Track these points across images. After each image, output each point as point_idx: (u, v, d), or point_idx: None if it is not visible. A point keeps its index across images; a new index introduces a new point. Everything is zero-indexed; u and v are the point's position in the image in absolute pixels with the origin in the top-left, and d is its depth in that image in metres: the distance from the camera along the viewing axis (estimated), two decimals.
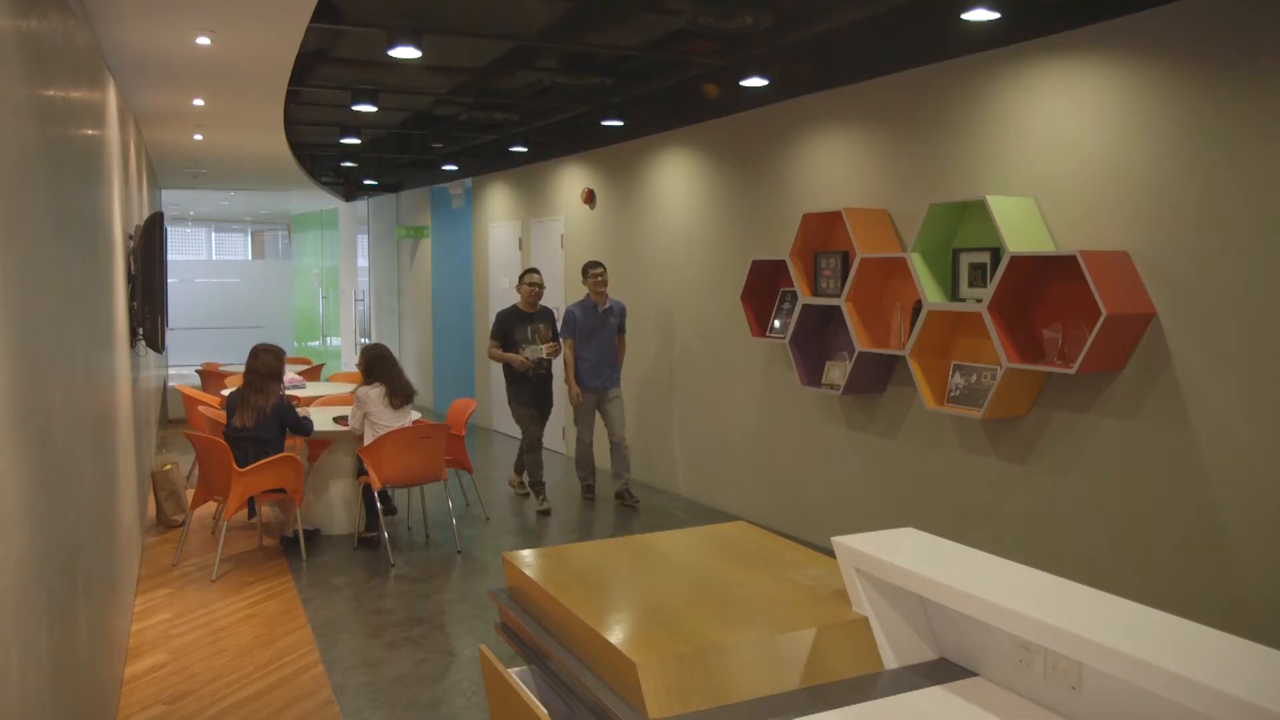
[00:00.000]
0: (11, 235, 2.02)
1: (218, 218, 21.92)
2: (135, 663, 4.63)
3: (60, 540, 2.55)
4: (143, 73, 5.80)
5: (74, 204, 3.25)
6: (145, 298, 5.83)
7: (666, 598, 2.37)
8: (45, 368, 2.41)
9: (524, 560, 2.68)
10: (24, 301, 2.14)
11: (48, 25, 2.82)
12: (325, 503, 6.89)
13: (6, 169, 2.02)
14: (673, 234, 8.15)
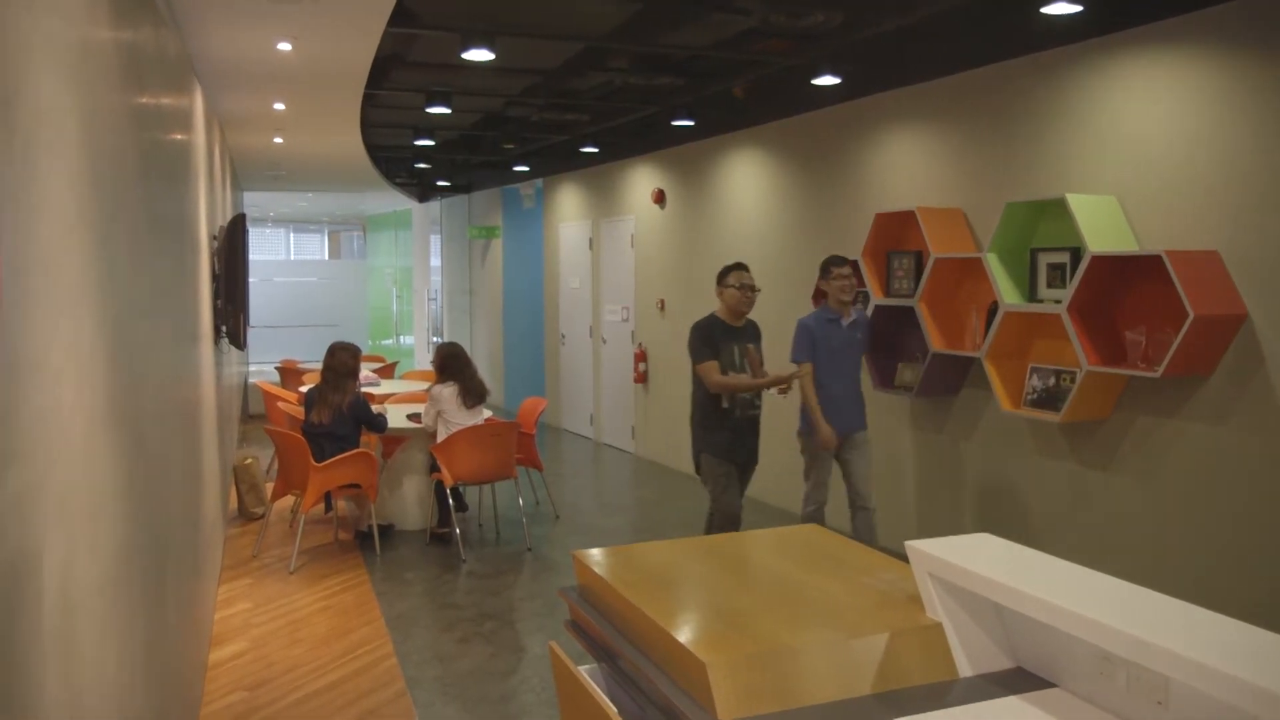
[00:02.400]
0: (108, 237, 2.10)
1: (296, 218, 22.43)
2: (218, 650, 4.77)
3: (151, 531, 2.64)
4: (227, 78, 5.97)
5: (163, 206, 3.36)
6: (228, 296, 6.00)
7: (737, 599, 2.37)
8: (137, 365, 2.50)
9: (594, 559, 2.70)
10: (118, 300, 2.22)
11: (142, 35, 2.92)
12: (399, 498, 7.01)
13: (104, 173, 2.10)
14: (743, 234, 8.12)
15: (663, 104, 7.24)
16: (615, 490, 8.84)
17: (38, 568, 1.37)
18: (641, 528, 7.34)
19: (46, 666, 1.40)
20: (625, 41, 5.56)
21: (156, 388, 2.93)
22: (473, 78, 6.53)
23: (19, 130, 1.35)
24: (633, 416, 10.02)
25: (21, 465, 1.31)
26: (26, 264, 1.37)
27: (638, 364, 9.74)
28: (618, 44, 5.65)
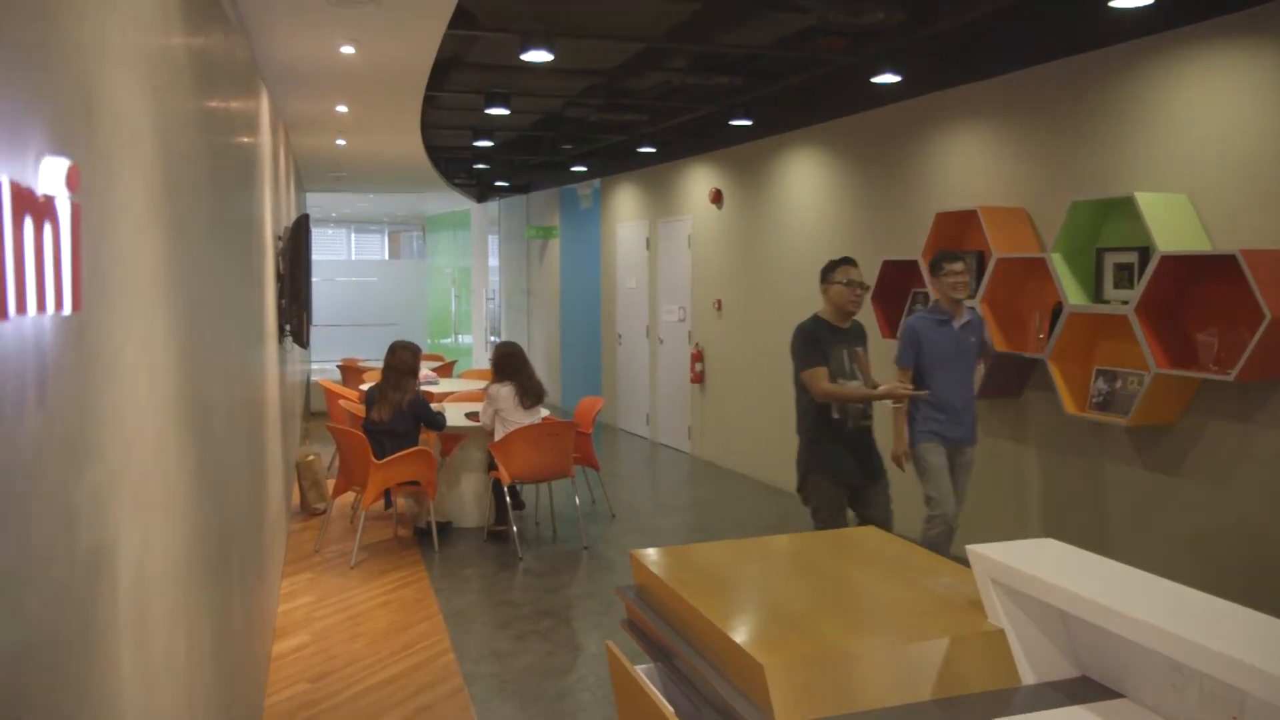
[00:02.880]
0: (179, 237, 2.15)
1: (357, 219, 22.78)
2: (282, 641, 4.86)
3: (218, 524, 2.71)
4: (292, 82, 6.08)
5: (231, 207, 3.43)
6: (292, 296, 6.12)
7: (794, 601, 2.36)
8: (206, 362, 2.56)
9: (651, 558, 2.70)
10: (189, 299, 2.27)
11: (212, 41, 2.99)
12: (457, 496, 7.08)
13: (176, 175, 2.15)
14: (801, 233, 8.07)
15: (721, 103, 7.23)
16: (671, 490, 8.84)
17: (114, 559, 1.42)
18: (698, 528, 7.33)
19: (123, 653, 1.44)
20: (683, 41, 5.56)
21: (224, 385, 3.00)
22: (531, 79, 6.58)
23: (99, 134, 1.39)
24: (689, 417, 10.02)
25: (99, 460, 1.35)
26: (105, 263, 1.41)
27: (694, 364, 9.73)
28: (676, 44, 5.66)
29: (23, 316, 0.98)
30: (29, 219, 0.99)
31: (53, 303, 1.06)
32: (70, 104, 1.26)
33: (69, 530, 1.20)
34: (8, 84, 1.03)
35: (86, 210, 1.26)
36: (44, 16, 1.16)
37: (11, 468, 1.00)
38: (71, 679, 1.19)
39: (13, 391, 1.01)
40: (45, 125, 1.14)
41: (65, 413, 1.20)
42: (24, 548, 1.03)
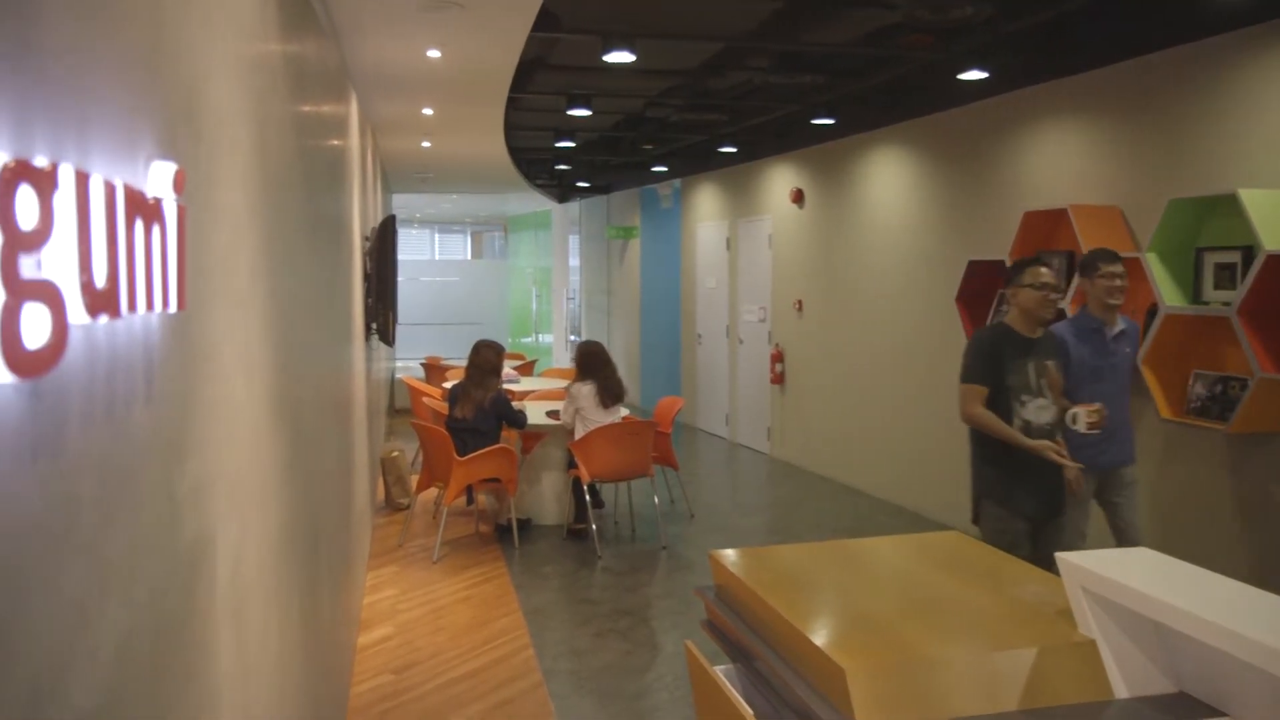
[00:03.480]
0: (273, 237, 2.22)
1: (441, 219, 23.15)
2: (367, 633, 4.97)
3: (308, 518, 2.78)
4: (380, 85, 6.21)
5: (322, 208, 3.52)
6: (378, 295, 6.25)
7: (876, 605, 2.33)
8: (297, 359, 2.63)
9: (731, 559, 2.69)
10: (281, 298, 2.34)
11: (306, 47, 3.08)
12: (537, 494, 7.16)
13: (271, 178, 2.22)
14: (883, 233, 7.96)
15: (802, 102, 7.17)
16: (750, 491, 8.80)
17: (213, 551, 1.47)
18: (776, 529, 7.29)
19: (221, 641, 1.50)
20: (765, 40, 5.53)
21: (314, 382, 3.08)
22: (613, 79, 6.61)
23: (203, 138, 1.44)
24: (769, 417, 9.96)
25: (200, 455, 1.40)
26: (206, 264, 1.46)
27: (774, 364, 9.67)
28: (758, 43, 5.63)
29: (133, 315, 1.02)
30: (140, 221, 1.03)
31: (160, 302, 1.10)
32: (177, 110, 1.31)
33: (173, 522, 1.25)
34: (121, 92, 1.07)
35: (191, 212, 1.31)
36: (154, 27, 1.21)
37: (123, 461, 1.05)
38: (176, 666, 1.24)
39: (124, 387, 1.05)
40: (154, 131, 1.18)
41: (170, 409, 1.24)
42: (134, 538, 1.08)
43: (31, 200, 0.77)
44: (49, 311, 0.79)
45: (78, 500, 0.93)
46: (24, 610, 0.81)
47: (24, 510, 0.81)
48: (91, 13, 0.99)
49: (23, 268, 0.75)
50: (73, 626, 0.90)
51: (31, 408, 0.82)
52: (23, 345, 0.75)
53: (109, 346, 1.00)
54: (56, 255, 0.82)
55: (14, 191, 0.74)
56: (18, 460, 0.80)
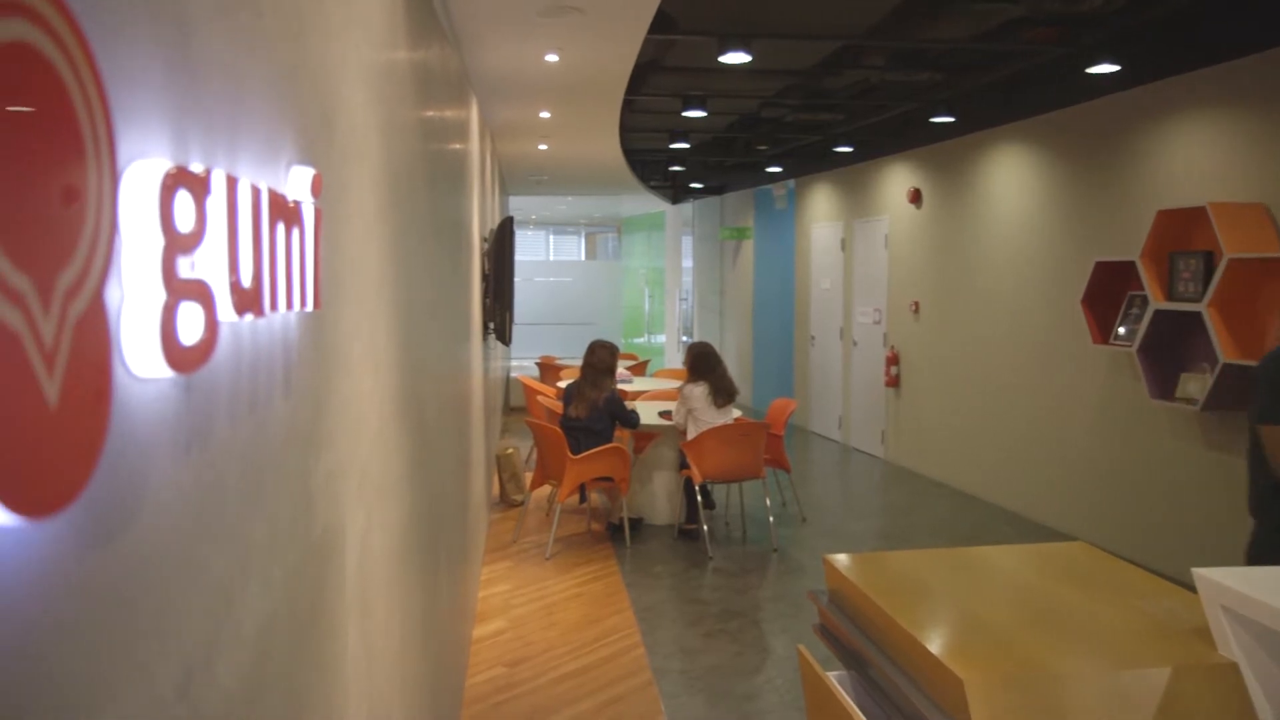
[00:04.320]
0: (399, 239, 2.29)
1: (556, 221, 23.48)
2: (481, 626, 5.08)
3: (428, 511, 2.87)
4: (499, 90, 6.35)
5: (444, 211, 3.62)
6: (496, 295, 6.38)
7: (996, 615, 2.27)
8: (420, 358, 2.72)
9: (845, 563, 2.66)
10: (406, 297, 2.42)
11: (430, 54, 3.17)
12: (649, 493, 7.20)
13: (398, 181, 2.30)
14: (1004, 233, 7.74)
15: (921, 100, 7.03)
16: (863, 495, 8.67)
17: (343, 540, 1.53)
18: (890, 534, 7.16)
19: (349, 627, 1.56)
20: (883, 38, 5.45)
21: (435, 379, 3.17)
22: (728, 80, 6.60)
23: (336, 143, 1.51)
24: (883, 421, 9.79)
25: (332, 448, 1.46)
26: (339, 264, 1.52)
27: (889, 367, 9.50)
28: (875, 41, 5.54)
29: (275, 314, 1.07)
30: (281, 224, 1.08)
31: (298, 301, 1.16)
32: (314, 117, 1.37)
33: (307, 512, 1.31)
34: (266, 101, 1.13)
35: (325, 215, 1.37)
36: (297, 40, 1.27)
37: (263, 452, 1.10)
38: (309, 650, 1.30)
39: (265, 382, 1.11)
40: (294, 137, 1.24)
41: (306, 403, 1.30)
42: (273, 526, 1.13)
43: (188, 204, 0.82)
44: (201, 310, 0.84)
45: (224, 489, 0.98)
46: (179, 592, 0.86)
47: (179, 498, 0.86)
48: (244, 28, 1.05)
49: (179, 268, 0.80)
50: (219, 609, 0.96)
51: (185, 401, 0.87)
52: (179, 342, 0.80)
53: (252, 343, 1.06)
54: (208, 256, 0.87)
55: (173, 196, 0.79)
56: (174, 451, 0.85)
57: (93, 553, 0.71)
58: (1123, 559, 2.73)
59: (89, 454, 0.66)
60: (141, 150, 0.79)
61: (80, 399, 0.64)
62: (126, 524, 0.76)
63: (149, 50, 0.81)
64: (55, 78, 0.61)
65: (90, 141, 0.66)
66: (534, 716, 4.05)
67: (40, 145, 0.60)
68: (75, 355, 0.63)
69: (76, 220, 0.64)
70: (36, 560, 0.64)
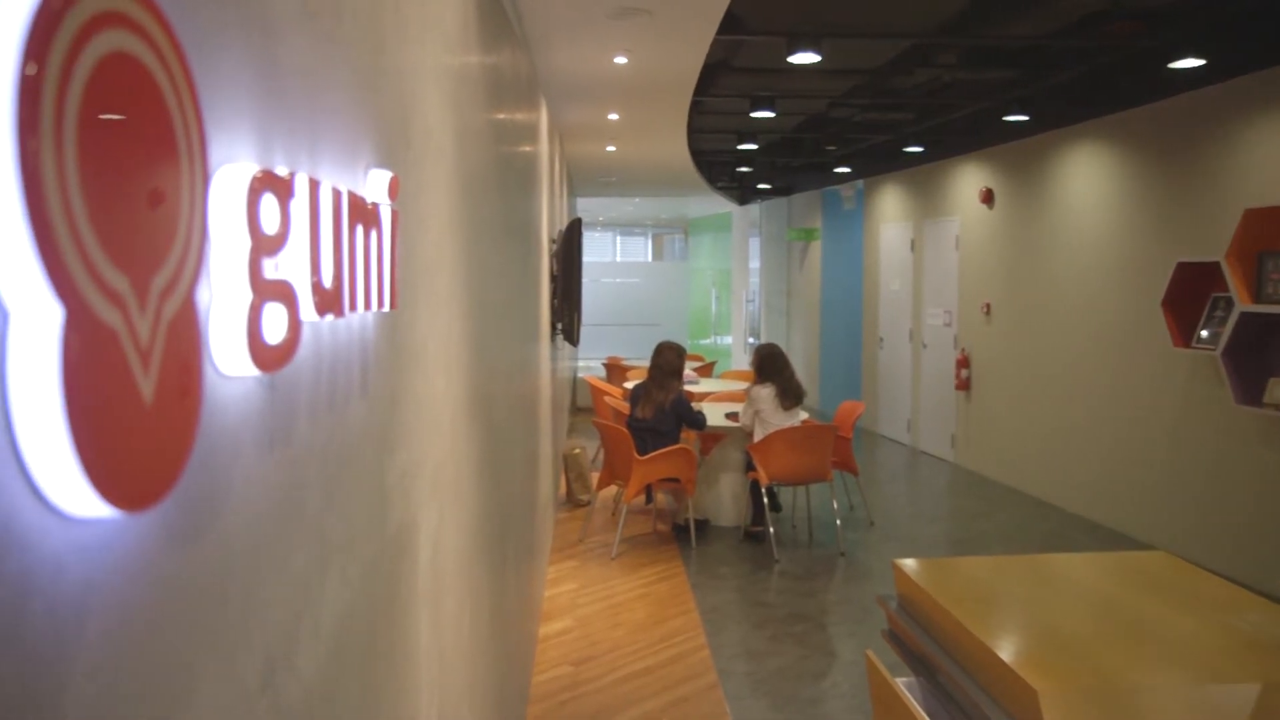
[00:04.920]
0: (471, 241, 2.32)
1: (623, 222, 23.57)
2: (547, 624, 5.12)
3: (497, 509, 2.90)
4: (568, 92, 6.39)
5: (514, 212, 3.66)
6: (564, 296, 6.42)
7: (1071, 624, 2.22)
8: (490, 358, 2.75)
9: (914, 569, 2.63)
10: (477, 298, 2.45)
11: (502, 59, 3.21)
12: (715, 495, 7.18)
13: (470, 184, 2.33)
14: (1080, 234, 7.56)
15: (994, 98, 6.90)
16: (932, 499, 8.54)
17: (416, 537, 1.55)
18: (960, 540, 7.05)
19: (421, 621, 1.58)
20: (955, 36, 5.36)
21: (504, 379, 3.21)
22: (797, 80, 6.56)
23: (413, 147, 1.53)
24: (953, 424, 9.63)
25: (406, 446, 1.48)
26: (414, 265, 1.55)
27: (960, 370, 9.35)
28: (947, 39, 5.46)
29: (353, 314, 1.09)
30: (360, 226, 1.10)
31: (376, 302, 1.18)
32: (391, 121, 1.40)
33: (382, 508, 1.33)
34: (346, 106, 1.15)
35: (402, 217, 1.39)
36: (376, 46, 1.30)
37: (342, 449, 1.13)
38: (384, 643, 1.32)
39: (343, 381, 1.13)
40: (372, 141, 1.27)
41: (382, 402, 1.33)
42: (350, 522, 1.16)
43: (273, 207, 0.84)
44: (285, 310, 0.86)
45: (304, 485, 1.00)
46: (262, 586, 0.88)
47: (263, 494, 0.89)
48: (326, 34, 1.07)
49: (265, 269, 0.82)
50: (299, 601, 0.98)
51: (269, 400, 0.90)
52: (264, 341, 0.82)
53: (332, 343, 1.08)
54: (292, 257, 0.89)
55: (259, 199, 0.81)
56: (257, 448, 0.87)
57: (183, 546, 0.74)
58: (1206, 570, 2.65)
59: (181, 450, 0.68)
60: (230, 155, 0.81)
61: (173, 396, 0.66)
62: (214, 519, 0.79)
63: (238, 57, 0.84)
64: (153, 86, 0.64)
65: (184, 147, 0.68)
66: (599, 715, 4.07)
67: (138, 151, 0.63)
68: (168, 354, 0.65)
69: (170, 223, 0.66)
70: (131, 553, 0.66)
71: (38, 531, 0.56)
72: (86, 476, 0.56)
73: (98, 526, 0.62)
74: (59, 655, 0.58)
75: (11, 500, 0.54)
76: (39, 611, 0.56)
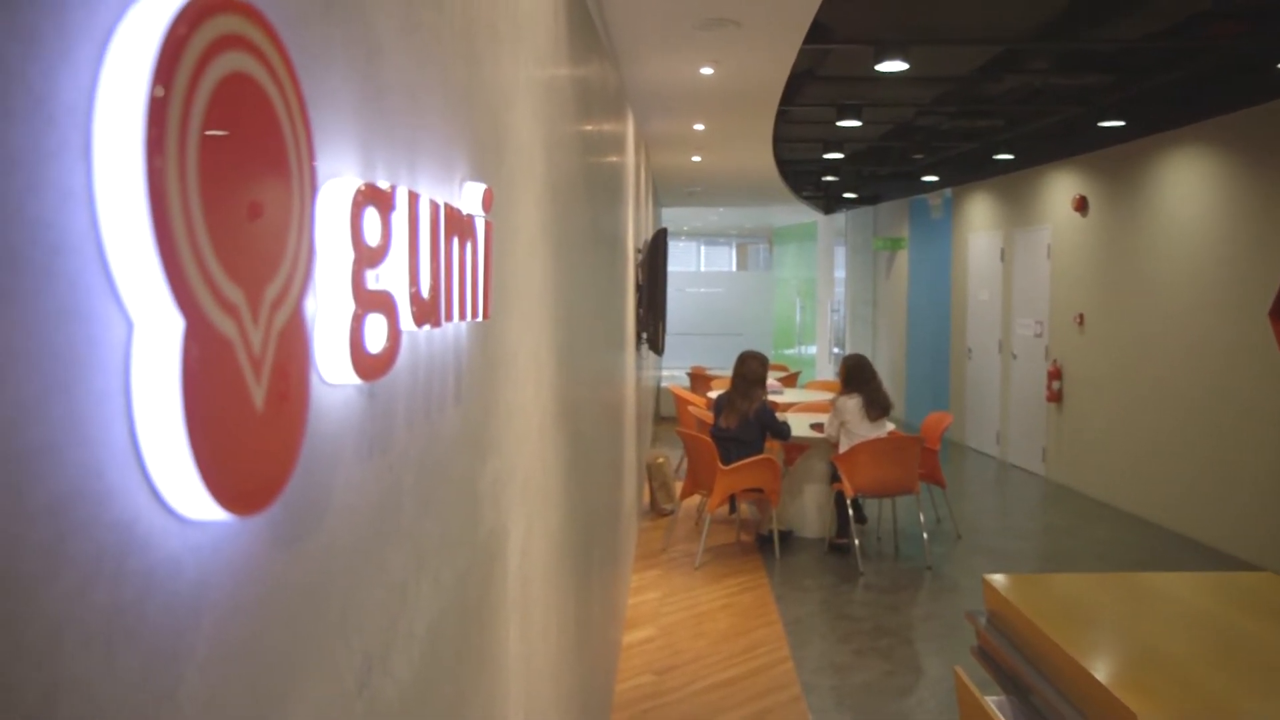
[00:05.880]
0: (560, 251, 2.35)
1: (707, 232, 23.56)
2: (631, 632, 5.13)
3: (583, 517, 2.92)
4: (654, 103, 6.42)
5: (600, 223, 3.69)
6: (649, 305, 6.45)
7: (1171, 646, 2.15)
8: (577, 366, 2.77)
9: (1005, 584, 2.57)
10: (566, 308, 2.48)
11: (591, 72, 3.24)
12: (799, 505, 7.12)
13: (560, 195, 2.36)
14: (1180, 241, 7.31)
15: (1088, 104, 6.72)
16: (1022, 513, 8.33)
17: (506, 543, 1.58)
18: (1051, 556, 6.86)
19: (510, 626, 1.60)
20: (1048, 40, 5.24)
21: (590, 387, 3.23)
22: (884, 89, 6.48)
23: (506, 160, 1.56)
24: (1044, 437, 9.38)
25: (497, 453, 1.51)
26: (506, 276, 1.57)
27: (1051, 382, 9.11)
28: (1040, 43, 5.34)
29: (449, 324, 1.12)
30: (456, 237, 1.13)
31: (470, 311, 1.20)
32: (485, 134, 1.42)
33: (474, 514, 1.36)
34: (443, 120, 1.18)
35: (497, 228, 1.42)
36: (473, 62, 1.32)
37: (436, 457, 1.15)
38: (474, 649, 1.35)
39: (439, 390, 1.16)
40: (467, 154, 1.29)
41: (475, 410, 1.35)
42: (444, 527, 1.18)
43: (375, 220, 0.87)
44: (385, 320, 0.89)
45: (400, 492, 1.03)
46: (361, 589, 0.91)
47: (362, 500, 0.91)
48: (424, 51, 1.10)
49: (367, 280, 0.85)
50: (395, 605, 1.00)
51: (368, 408, 0.92)
52: (365, 350, 0.84)
53: (428, 352, 1.11)
54: (392, 269, 0.92)
55: (362, 212, 0.84)
56: (357, 455, 0.90)
57: (288, 549, 0.76)
58: None
59: (289, 456, 0.71)
60: (335, 169, 0.84)
61: (282, 404, 0.69)
62: (317, 523, 0.81)
63: (342, 73, 0.86)
64: (267, 104, 0.66)
65: (294, 162, 0.71)
66: None
67: (252, 167, 0.65)
68: (278, 363, 0.68)
69: (280, 236, 0.69)
70: (241, 555, 0.69)
71: (158, 533, 0.59)
72: (203, 481, 0.58)
73: (211, 529, 0.64)
74: (175, 651, 0.60)
75: (134, 503, 0.57)
76: (159, 609, 0.58)
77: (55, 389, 0.51)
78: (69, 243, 0.51)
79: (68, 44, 0.51)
